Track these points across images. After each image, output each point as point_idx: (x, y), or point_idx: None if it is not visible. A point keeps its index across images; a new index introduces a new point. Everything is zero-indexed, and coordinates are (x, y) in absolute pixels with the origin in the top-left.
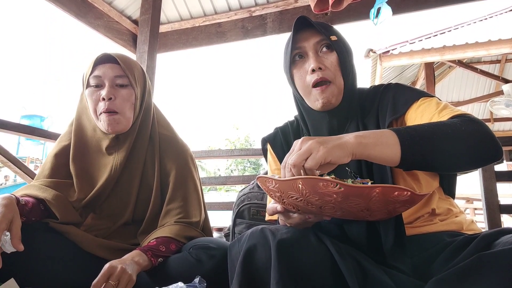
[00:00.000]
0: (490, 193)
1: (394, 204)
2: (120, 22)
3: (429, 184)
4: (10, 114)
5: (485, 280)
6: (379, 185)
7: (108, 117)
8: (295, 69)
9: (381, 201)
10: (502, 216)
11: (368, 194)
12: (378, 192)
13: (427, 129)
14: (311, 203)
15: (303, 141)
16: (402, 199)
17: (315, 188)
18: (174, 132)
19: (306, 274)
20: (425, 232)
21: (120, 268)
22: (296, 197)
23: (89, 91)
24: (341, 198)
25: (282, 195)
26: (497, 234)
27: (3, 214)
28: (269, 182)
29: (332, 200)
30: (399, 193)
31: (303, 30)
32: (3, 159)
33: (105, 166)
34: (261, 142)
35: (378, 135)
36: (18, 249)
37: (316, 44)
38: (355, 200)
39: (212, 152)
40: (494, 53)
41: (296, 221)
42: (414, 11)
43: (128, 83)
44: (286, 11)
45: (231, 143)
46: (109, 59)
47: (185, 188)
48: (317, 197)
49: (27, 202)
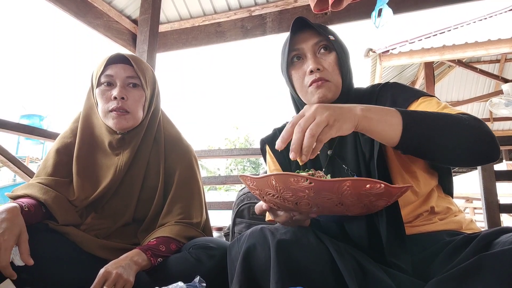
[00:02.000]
0: (490, 192)
1: (368, 198)
2: (119, 22)
3: (427, 182)
4: (10, 114)
5: (485, 280)
6: (349, 178)
7: (119, 115)
8: (293, 70)
9: (353, 194)
10: (502, 215)
11: (338, 188)
12: (349, 186)
13: (432, 116)
14: (286, 199)
15: (310, 107)
16: (376, 191)
17: (287, 184)
18: (179, 133)
19: (305, 273)
20: (425, 231)
21: (115, 273)
22: (273, 194)
23: (99, 89)
24: (313, 193)
25: (261, 192)
26: (497, 233)
27: (11, 231)
28: (248, 180)
29: (305, 196)
30: (371, 185)
31: (301, 31)
32: (2, 159)
33: (109, 167)
34: (260, 143)
35: (384, 112)
36: (28, 263)
37: (314, 46)
38: (327, 194)
39: (212, 151)
40: (493, 53)
41: (283, 219)
42: (414, 11)
43: (139, 84)
44: (286, 11)
45: (231, 143)
46: (122, 60)
47: (188, 188)
48: (291, 193)
49: (30, 207)
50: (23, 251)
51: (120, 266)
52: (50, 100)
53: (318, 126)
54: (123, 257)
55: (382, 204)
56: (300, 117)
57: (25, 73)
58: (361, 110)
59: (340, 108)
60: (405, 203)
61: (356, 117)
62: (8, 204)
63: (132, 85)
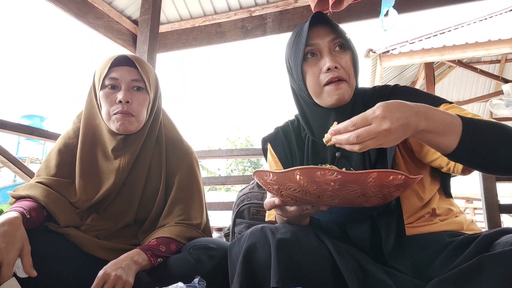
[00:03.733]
0: (490, 192)
1: (389, 188)
2: (120, 22)
3: (431, 188)
4: (10, 114)
5: (486, 281)
6: (374, 170)
7: (123, 117)
8: (307, 66)
9: (377, 186)
10: (502, 216)
11: (364, 180)
12: (374, 177)
13: (488, 127)
14: (309, 192)
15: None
16: (397, 183)
17: (313, 177)
18: (180, 135)
19: (305, 272)
20: (426, 232)
21: (113, 275)
22: (294, 188)
23: (104, 92)
24: (338, 185)
25: (280, 187)
26: (497, 234)
27: (13, 245)
28: (266, 175)
29: (329, 188)
30: (394, 177)
31: (316, 26)
32: (3, 159)
33: (111, 169)
34: (261, 141)
35: (448, 123)
36: (31, 275)
37: (330, 42)
38: (352, 186)
39: (212, 152)
40: (494, 53)
41: (294, 213)
42: (414, 11)
43: (143, 88)
44: (286, 11)
45: (231, 143)
46: (126, 62)
47: (189, 190)
48: (315, 186)
49: (32, 212)
50: (26, 264)
51: (120, 267)
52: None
53: (373, 144)
54: (123, 257)
55: (397, 194)
56: (365, 121)
57: (25, 73)
58: (425, 124)
59: (405, 127)
60: (409, 209)
61: (414, 133)
62: (9, 214)
63: (136, 89)
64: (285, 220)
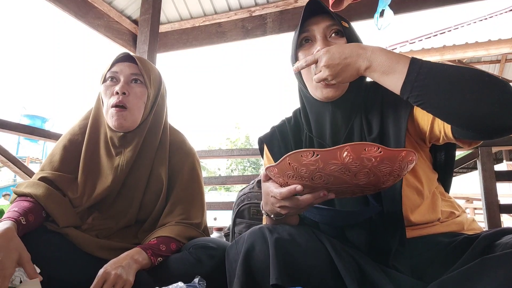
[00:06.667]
0: (490, 193)
1: (371, 161)
2: (120, 22)
3: (430, 183)
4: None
5: (488, 283)
6: (348, 144)
7: (116, 112)
8: (300, 52)
9: (355, 159)
10: (502, 215)
11: (340, 154)
12: (348, 150)
13: (444, 67)
14: (302, 176)
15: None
16: (376, 155)
17: (300, 160)
18: (183, 136)
19: (304, 271)
20: (426, 234)
21: (113, 274)
22: (292, 174)
23: (104, 85)
24: (322, 164)
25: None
26: (498, 234)
27: (8, 258)
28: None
29: (316, 169)
30: (368, 148)
31: (314, 15)
32: (3, 159)
33: (111, 166)
34: (258, 142)
35: (393, 63)
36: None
37: (325, 28)
38: (333, 162)
39: (212, 151)
40: (494, 53)
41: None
42: (414, 11)
43: (142, 81)
44: (286, 11)
45: (231, 143)
46: (128, 59)
47: (190, 190)
48: (305, 169)
49: (29, 216)
50: (29, 272)
51: (120, 266)
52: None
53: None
54: (123, 255)
55: (387, 170)
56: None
57: (26, 74)
58: (366, 64)
59: (346, 66)
60: (412, 207)
61: (360, 72)
62: (1, 225)
63: (134, 81)
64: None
